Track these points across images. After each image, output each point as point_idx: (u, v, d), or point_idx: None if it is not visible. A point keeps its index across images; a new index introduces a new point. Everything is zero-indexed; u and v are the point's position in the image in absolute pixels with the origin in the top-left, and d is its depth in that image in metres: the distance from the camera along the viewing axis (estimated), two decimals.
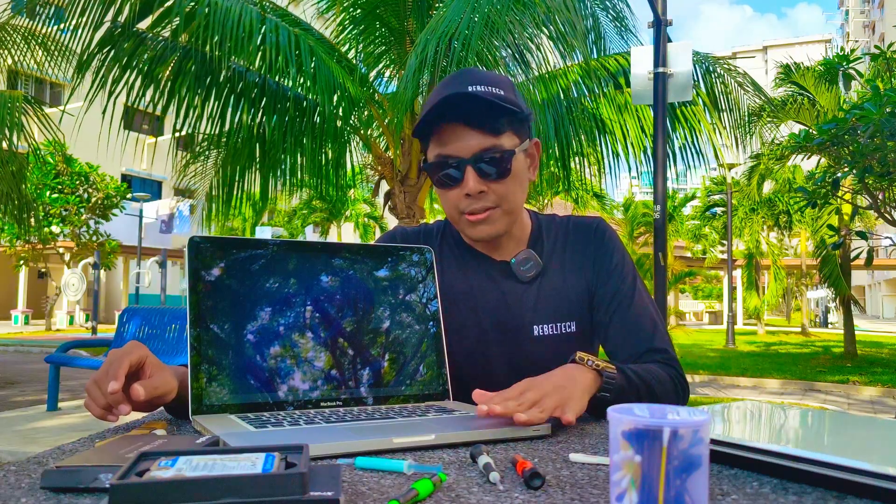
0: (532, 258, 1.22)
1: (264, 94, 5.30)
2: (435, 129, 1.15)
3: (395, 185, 5.69)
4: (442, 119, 1.13)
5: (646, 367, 1.09)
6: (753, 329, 23.61)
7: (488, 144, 1.12)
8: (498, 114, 1.12)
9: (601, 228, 1.27)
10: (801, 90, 10.50)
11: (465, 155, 1.13)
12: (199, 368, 0.92)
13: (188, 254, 0.96)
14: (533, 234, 1.27)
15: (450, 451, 0.79)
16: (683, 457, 0.48)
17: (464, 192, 1.14)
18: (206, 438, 0.76)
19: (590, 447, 0.82)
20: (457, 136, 1.12)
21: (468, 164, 1.12)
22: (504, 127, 1.13)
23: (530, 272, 1.21)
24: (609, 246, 1.25)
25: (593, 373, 0.98)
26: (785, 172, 15.50)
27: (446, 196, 1.18)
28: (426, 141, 1.18)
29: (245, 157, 5.74)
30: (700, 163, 6.16)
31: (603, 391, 0.98)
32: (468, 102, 1.11)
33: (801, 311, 23.41)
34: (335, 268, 1.05)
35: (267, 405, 0.94)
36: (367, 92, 5.65)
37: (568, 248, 1.26)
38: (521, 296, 1.21)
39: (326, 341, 1.01)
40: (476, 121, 1.12)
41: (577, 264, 1.24)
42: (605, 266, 1.23)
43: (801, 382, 9.76)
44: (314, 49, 4.77)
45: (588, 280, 1.23)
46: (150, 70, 4.98)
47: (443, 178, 1.16)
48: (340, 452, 0.75)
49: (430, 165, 1.17)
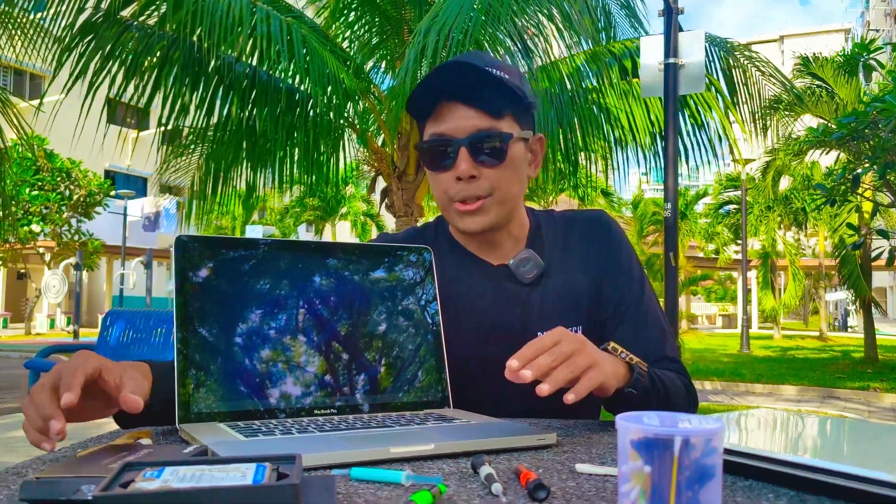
0: (532, 258, 1.20)
1: (254, 86, 5.30)
2: (432, 108, 1.14)
3: (391, 181, 5.69)
4: (439, 96, 1.12)
5: (665, 373, 1.09)
6: (769, 333, 23.61)
7: (486, 126, 1.10)
8: (500, 95, 1.11)
9: (605, 221, 1.25)
10: (820, 82, 10.51)
11: (460, 135, 1.11)
12: (186, 374, 0.92)
13: (175, 254, 0.96)
14: (531, 233, 1.24)
15: (450, 461, 0.79)
16: (695, 467, 0.48)
17: (455, 176, 1.12)
18: (194, 448, 0.76)
19: (597, 457, 0.82)
20: (453, 115, 1.11)
21: (462, 145, 1.11)
22: (505, 111, 1.12)
23: (531, 273, 1.19)
24: (616, 242, 1.23)
25: (625, 365, 0.98)
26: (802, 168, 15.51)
27: (437, 179, 1.16)
28: (423, 120, 1.17)
29: (233, 152, 5.74)
30: (713, 158, 6.16)
31: (631, 387, 0.97)
32: (469, 78, 1.09)
33: (819, 315, 23.42)
34: (329, 268, 1.05)
35: (257, 413, 0.94)
36: (363, 84, 5.65)
37: (571, 244, 1.24)
38: (522, 299, 1.19)
39: (320, 345, 1.01)
40: (475, 99, 1.10)
41: (581, 261, 1.22)
42: (614, 264, 1.21)
43: (820, 389, 9.76)
44: (307, 38, 4.77)
45: (594, 278, 1.21)
46: (134, 60, 4.97)
47: (434, 159, 1.14)
48: (335, 463, 0.75)
49: (423, 144, 1.15)
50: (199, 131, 5.67)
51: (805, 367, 12.31)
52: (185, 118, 5.31)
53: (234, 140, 5.63)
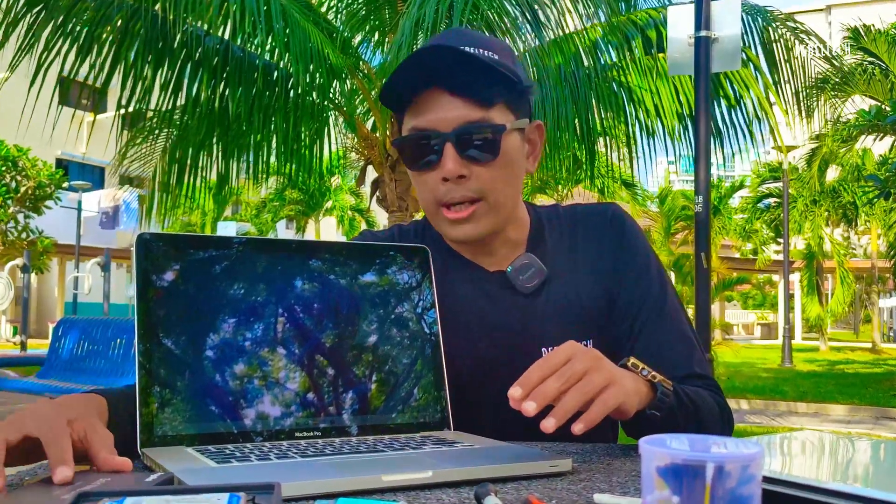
0: (533, 264, 1.18)
1: (227, 63, 5.30)
2: (412, 97, 1.11)
3: (384, 171, 5.70)
4: (419, 84, 1.09)
5: (695, 391, 1.07)
6: (814, 345, 23.62)
7: (475, 117, 1.08)
8: (490, 80, 1.08)
9: (618, 216, 1.23)
10: (873, 58, 10.51)
11: (445, 129, 1.08)
12: (149, 392, 0.92)
13: (136, 254, 0.96)
14: (532, 234, 1.23)
15: (450, 490, 0.79)
16: (731, 497, 0.48)
17: (441, 176, 1.10)
18: (158, 476, 0.76)
19: (618, 486, 0.82)
20: (436, 105, 1.09)
21: (448, 140, 1.08)
22: (496, 98, 1.09)
23: (532, 281, 1.17)
24: (631, 240, 1.21)
25: (647, 384, 0.96)
26: (852, 157, 15.52)
27: (420, 180, 1.14)
28: (401, 112, 1.15)
29: (203, 137, 5.75)
30: (751, 145, 6.16)
31: (654, 409, 0.96)
32: (451, 62, 1.06)
33: (872, 324, 23.42)
34: (313, 271, 1.05)
35: (231, 436, 0.94)
36: (351, 60, 5.66)
37: (578, 245, 1.22)
38: (523, 311, 1.18)
39: (302, 359, 1.01)
40: (461, 86, 1.07)
41: (590, 264, 1.20)
42: (629, 266, 1.20)
43: (872, 409, 9.76)
44: (287, 8, 4.77)
45: (606, 283, 1.19)
46: (89, 33, 4.97)
47: (415, 157, 1.12)
48: (319, 492, 0.75)
49: (402, 141, 1.14)
50: (164, 114, 5.67)
51: (855, 384, 12.32)
52: (149, 100, 5.31)
53: (204, 124, 5.63)
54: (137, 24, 5.04)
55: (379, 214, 24.75)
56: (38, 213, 19.54)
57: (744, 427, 8.15)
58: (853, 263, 21.94)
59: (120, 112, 5.32)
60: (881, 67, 10.27)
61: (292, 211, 25.12)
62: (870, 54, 10.52)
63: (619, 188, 19.77)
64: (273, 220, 25.29)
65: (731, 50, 4.69)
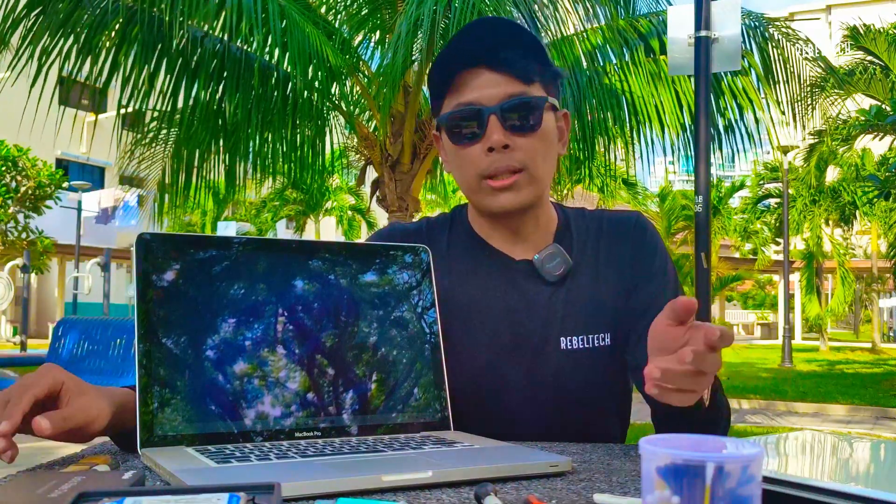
0: (560, 254, 1.22)
1: (225, 65, 5.30)
2: (454, 80, 1.17)
3: (384, 171, 5.69)
4: (458, 65, 1.16)
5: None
6: (814, 345, 23.61)
7: (517, 91, 1.15)
8: (528, 58, 1.16)
9: (641, 223, 1.29)
10: (872, 57, 10.50)
11: (490, 103, 1.15)
12: (149, 392, 0.92)
13: (136, 254, 0.96)
14: (560, 229, 1.27)
15: (450, 490, 0.79)
16: (731, 497, 0.48)
17: (486, 147, 1.15)
18: (131, 474, 0.76)
19: (618, 486, 0.82)
20: (479, 83, 1.15)
21: (492, 113, 1.14)
22: (534, 76, 1.17)
23: (558, 270, 1.21)
24: (651, 245, 1.26)
25: None
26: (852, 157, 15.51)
27: (464, 155, 1.19)
28: (440, 97, 1.21)
29: (204, 140, 5.74)
30: (750, 145, 6.16)
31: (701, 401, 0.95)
32: (492, 41, 1.14)
33: (872, 324, 23.42)
34: (313, 271, 1.05)
35: (231, 436, 0.94)
36: (351, 60, 5.65)
37: (601, 246, 1.26)
38: (546, 301, 1.21)
39: (302, 359, 1.01)
40: (503, 63, 1.14)
41: (612, 264, 1.25)
42: (646, 267, 1.24)
43: (872, 409, 9.76)
44: (286, 9, 4.77)
45: (625, 283, 1.23)
46: (88, 38, 4.97)
47: (460, 132, 1.18)
48: (319, 493, 0.75)
49: (447, 117, 1.19)
50: (165, 115, 5.67)
51: (855, 384, 12.31)
52: (149, 100, 5.31)
53: (205, 126, 5.63)
54: (135, 29, 5.04)
55: (379, 214, 24.72)
56: (38, 213, 19.52)
57: (743, 427, 8.15)
58: (853, 263, 21.93)
59: (119, 112, 5.32)
60: (881, 67, 10.26)
61: (292, 211, 25.09)
62: (870, 53, 10.51)
63: (619, 188, 19.77)
64: (273, 220, 25.28)
65: (731, 50, 4.68)
